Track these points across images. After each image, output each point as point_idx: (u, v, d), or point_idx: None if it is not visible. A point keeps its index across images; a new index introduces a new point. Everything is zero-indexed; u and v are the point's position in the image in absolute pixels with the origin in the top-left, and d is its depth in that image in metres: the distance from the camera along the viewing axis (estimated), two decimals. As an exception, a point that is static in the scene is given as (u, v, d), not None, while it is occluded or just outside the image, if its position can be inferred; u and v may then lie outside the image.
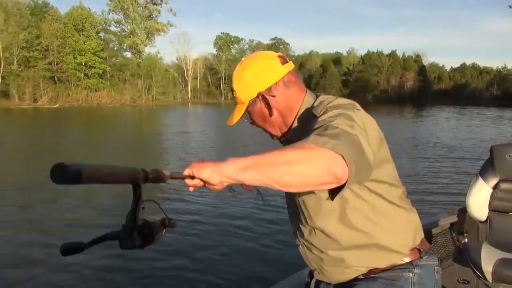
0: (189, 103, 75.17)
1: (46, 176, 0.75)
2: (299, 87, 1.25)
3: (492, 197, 2.59)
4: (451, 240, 3.29)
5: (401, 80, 78.15)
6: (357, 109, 1.14)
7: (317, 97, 1.25)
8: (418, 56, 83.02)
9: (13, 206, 7.92)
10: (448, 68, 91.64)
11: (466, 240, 3.23)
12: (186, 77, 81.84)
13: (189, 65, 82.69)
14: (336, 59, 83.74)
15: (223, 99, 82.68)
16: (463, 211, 3.24)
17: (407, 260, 1.22)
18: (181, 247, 5.35)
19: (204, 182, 0.96)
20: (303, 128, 1.15)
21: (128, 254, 4.42)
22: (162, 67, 74.77)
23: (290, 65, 1.25)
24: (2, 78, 55.18)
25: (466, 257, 2.33)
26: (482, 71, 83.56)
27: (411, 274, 1.20)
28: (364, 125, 1.05)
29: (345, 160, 0.86)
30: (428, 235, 3.14)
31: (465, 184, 9.01)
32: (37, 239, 6.00)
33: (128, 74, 67.58)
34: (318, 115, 1.10)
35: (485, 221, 2.63)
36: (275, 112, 1.24)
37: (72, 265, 4.70)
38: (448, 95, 76.56)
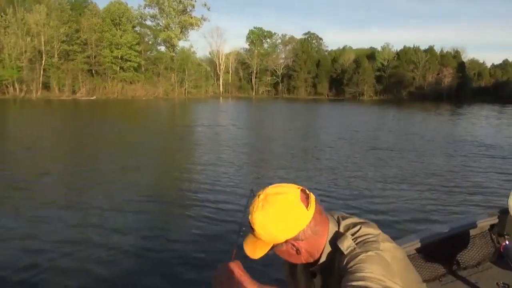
0: (221, 97, 75.83)
1: (90, 164, 0.75)
2: (324, 224, 1.25)
3: None
4: (491, 242, 3.17)
5: (438, 76, 75.53)
6: (382, 250, 1.15)
7: (338, 223, 1.27)
8: (457, 52, 79.99)
9: (63, 190, 8.32)
10: (489, 64, 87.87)
11: (507, 242, 3.11)
12: (218, 71, 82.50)
13: (222, 59, 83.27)
14: (370, 54, 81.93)
15: (254, 93, 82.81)
16: (504, 212, 3.12)
17: None
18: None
19: None
20: (330, 264, 1.23)
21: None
22: (195, 61, 75.69)
23: (313, 204, 1.21)
24: (44, 70, 57.59)
25: (507, 260, 2.23)
26: (525, 68, 79.53)
27: None
28: (392, 265, 1.12)
29: None
30: (465, 237, 3.04)
31: (505, 185, 8.69)
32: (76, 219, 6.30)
33: (161, 68, 68.89)
34: (345, 252, 1.17)
35: None
36: (302, 251, 1.24)
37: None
38: (488, 92, 73.37)
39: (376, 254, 1.12)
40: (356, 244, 1.17)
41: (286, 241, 1.21)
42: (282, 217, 1.18)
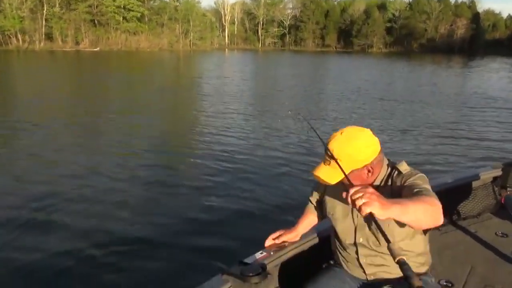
0: (226, 49, 74.43)
1: (95, 115, 0.72)
2: (382, 156, 1.61)
3: None
4: (493, 193, 3.18)
5: (451, 28, 73.01)
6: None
7: (392, 165, 1.64)
8: (472, 1, 76.78)
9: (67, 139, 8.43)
10: (505, 15, 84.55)
11: (509, 193, 3.13)
12: (223, 22, 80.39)
13: (227, 10, 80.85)
14: (381, 5, 78.91)
15: (260, 45, 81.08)
16: (508, 164, 3.12)
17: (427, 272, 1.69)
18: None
19: (371, 214, 1.17)
20: (383, 184, 1.60)
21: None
22: (199, 12, 73.60)
23: (378, 141, 1.59)
24: (46, 20, 56.44)
25: (507, 210, 2.24)
26: (543, 19, 76.50)
27: (430, 280, 1.66)
28: None
29: None
30: (468, 188, 3.07)
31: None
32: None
33: (165, 18, 67.20)
34: (404, 172, 1.57)
35: None
36: (370, 176, 1.57)
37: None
38: (503, 45, 71.10)
39: (424, 175, 1.55)
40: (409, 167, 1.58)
41: (365, 166, 1.53)
42: (366, 146, 1.53)
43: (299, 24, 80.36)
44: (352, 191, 1.19)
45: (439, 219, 1.31)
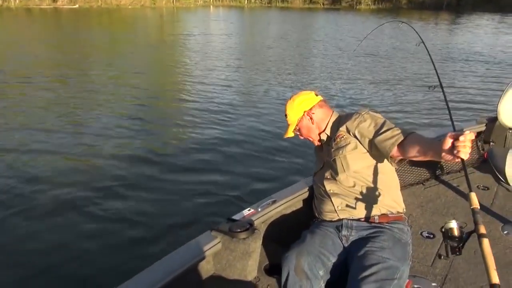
0: (211, 6, 71.94)
1: (77, 75, 0.70)
2: (329, 108, 2.01)
3: None
4: (476, 148, 3.24)
5: (440, -17, 71.47)
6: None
7: (339, 115, 1.99)
8: (462, -45, 74.76)
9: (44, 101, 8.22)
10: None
11: (492, 148, 3.18)
12: (207, -24, 77.05)
13: (211, -37, 77.27)
14: (371, -42, 76.37)
15: (246, 1, 78.54)
16: (492, 120, 3.15)
17: (404, 217, 1.85)
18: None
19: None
20: (332, 132, 1.93)
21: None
22: (182, -35, 70.24)
23: (320, 97, 2.02)
24: (19, -25, 53.36)
25: (489, 164, 2.29)
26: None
27: (406, 229, 1.78)
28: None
29: None
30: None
31: (497, 94, 8.70)
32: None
33: (147, -27, 64.09)
34: (356, 121, 1.82)
35: None
36: (315, 122, 1.96)
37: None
38: (491, 1, 70.20)
39: (368, 111, 1.86)
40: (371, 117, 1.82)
41: (305, 113, 1.95)
42: (301, 97, 1.99)
43: (286, -21, 77.63)
44: (462, 140, 1.32)
45: None
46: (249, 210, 1.98)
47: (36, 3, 53.77)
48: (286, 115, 2.00)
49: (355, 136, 1.80)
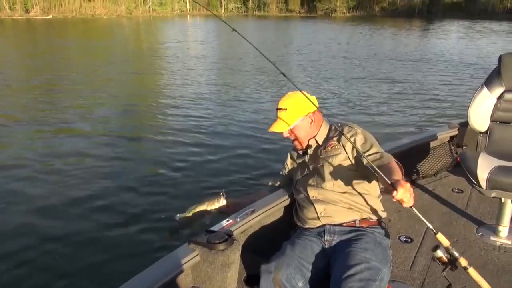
0: (188, 15, 71.92)
1: (47, 89, 0.72)
2: (321, 116, 1.99)
3: (496, 107, 2.57)
4: (449, 152, 3.34)
5: (412, -9, 73.55)
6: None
7: (331, 125, 2.00)
8: (432, -36, 77.19)
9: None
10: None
11: (464, 152, 3.28)
12: (184, -14, 77.06)
13: (187, -27, 77.39)
14: (344, -33, 78.01)
15: (223, 11, 78.87)
16: (464, 124, 3.25)
17: (384, 223, 1.90)
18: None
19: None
20: (322, 140, 1.95)
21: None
22: (158, -25, 70.14)
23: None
24: (-10, -15, 52.18)
25: (462, 168, 2.36)
26: (498, -18, 78.10)
27: (386, 233, 1.83)
28: None
29: None
30: (426, 148, 3.20)
31: (468, 98, 8.93)
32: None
33: (122, -18, 63.68)
34: (343, 133, 1.85)
35: (485, 132, 2.63)
36: (312, 126, 1.93)
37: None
38: (460, 8, 72.62)
39: (361, 129, 1.90)
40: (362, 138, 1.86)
41: (308, 113, 1.91)
42: (306, 99, 1.86)
43: (262, -12, 78.50)
44: (400, 193, 1.45)
45: None
46: (227, 220, 1.96)
47: (8, 14, 52.60)
48: (282, 109, 1.91)
49: (345, 148, 1.85)
